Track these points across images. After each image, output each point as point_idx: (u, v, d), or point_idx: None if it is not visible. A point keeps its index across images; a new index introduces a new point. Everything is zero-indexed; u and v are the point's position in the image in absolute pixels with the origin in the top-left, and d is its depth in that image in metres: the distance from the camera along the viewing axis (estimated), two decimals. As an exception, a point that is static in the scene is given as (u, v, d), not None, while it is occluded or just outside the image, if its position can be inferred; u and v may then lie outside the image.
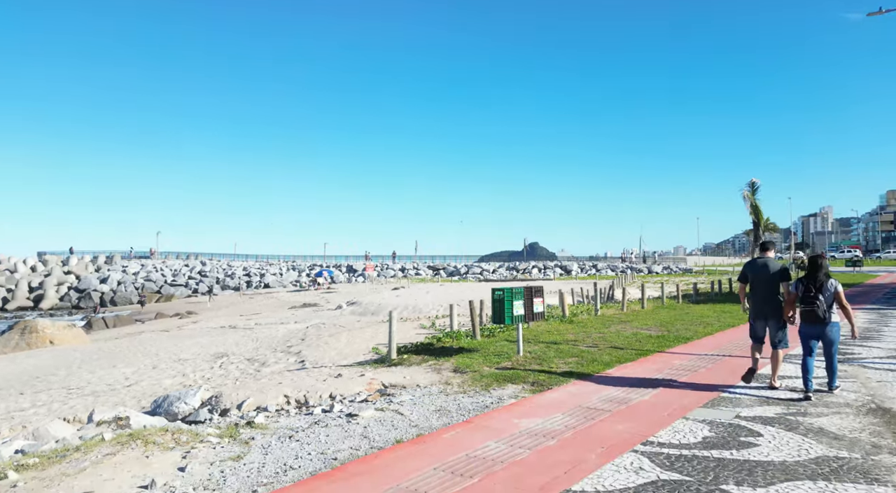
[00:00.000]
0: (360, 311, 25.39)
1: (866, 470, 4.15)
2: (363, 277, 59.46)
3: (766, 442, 4.80)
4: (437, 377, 7.93)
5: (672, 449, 4.66)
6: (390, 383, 7.77)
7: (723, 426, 5.28)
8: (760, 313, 6.73)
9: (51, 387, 11.47)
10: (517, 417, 5.73)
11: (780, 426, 5.28)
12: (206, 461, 4.89)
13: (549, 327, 12.55)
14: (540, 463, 4.39)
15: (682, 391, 6.72)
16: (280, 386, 7.84)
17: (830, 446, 4.70)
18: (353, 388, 7.59)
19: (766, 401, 6.22)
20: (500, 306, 8.78)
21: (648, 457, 4.48)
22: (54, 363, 14.73)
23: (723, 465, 4.28)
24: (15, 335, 19.63)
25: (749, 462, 4.33)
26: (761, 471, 4.15)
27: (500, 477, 4.12)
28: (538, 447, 4.78)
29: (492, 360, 8.82)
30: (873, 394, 6.48)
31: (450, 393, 7.00)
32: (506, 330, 11.82)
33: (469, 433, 5.24)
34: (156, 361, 14.04)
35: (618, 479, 4.03)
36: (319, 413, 6.53)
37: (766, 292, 6.65)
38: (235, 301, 43.26)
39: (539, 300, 9.18)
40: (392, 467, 4.40)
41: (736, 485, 3.89)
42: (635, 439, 4.93)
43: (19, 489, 4.35)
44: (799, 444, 4.75)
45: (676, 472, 4.15)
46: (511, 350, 9.46)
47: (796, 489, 3.80)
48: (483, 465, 4.36)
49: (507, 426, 5.41)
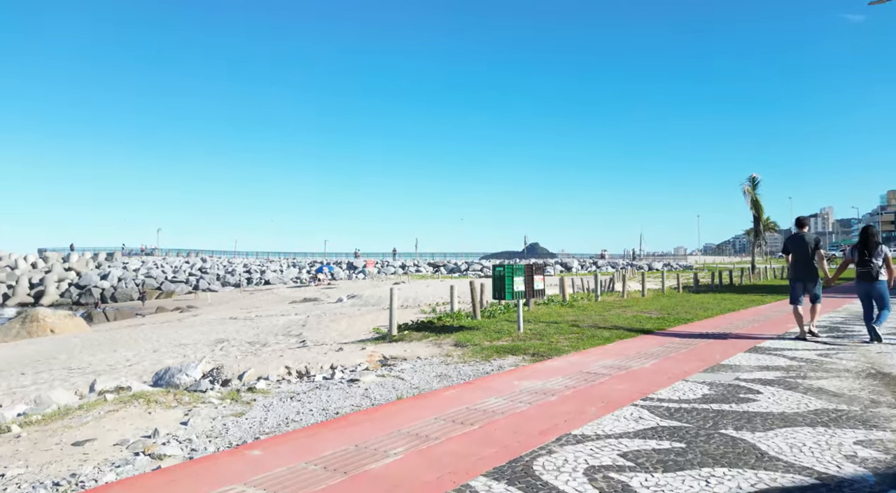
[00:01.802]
0: (360, 303, 25.41)
1: (865, 419, 4.17)
2: (363, 273, 59.46)
3: (766, 398, 4.82)
4: (437, 351, 7.95)
5: (672, 403, 4.68)
6: (391, 355, 7.79)
7: (722, 386, 5.30)
8: (799, 276, 8.22)
9: (52, 368, 11.49)
10: (517, 379, 5.75)
11: (779, 386, 5.29)
12: (207, 417, 4.92)
13: (549, 311, 12.56)
14: (540, 414, 4.41)
15: (683, 361, 6.74)
16: (281, 359, 7.86)
17: (829, 401, 4.72)
18: (355, 360, 7.61)
19: (765, 368, 6.24)
20: (500, 282, 8.79)
21: (648, 409, 4.50)
22: (55, 348, 14.76)
23: (722, 415, 4.30)
24: (16, 324, 19.64)
25: (748, 413, 4.35)
26: (760, 420, 4.16)
27: (500, 424, 4.14)
28: (538, 402, 4.80)
29: (492, 336, 8.84)
30: (873, 362, 6.50)
31: (450, 363, 7.02)
32: (506, 311, 11.83)
33: (469, 391, 5.26)
34: (156, 346, 14.06)
35: (617, 426, 4.05)
36: (321, 380, 6.55)
37: (804, 259, 8.14)
38: (236, 297, 43.25)
39: (539, 277, 9.19)
40: (393, 417, 4.42)
41: (735, 430, 3.91)
42: (635, 395, 4.95)
43: (22, 439, 4.38)
44: (798, 400, 4.77)
45: (676, 420, 4.17)
46: (511, 328, 9.48)
47: (796, 434, 3.82)
48: (483, 416, 4.38)
49: (507, 386, 5.43)
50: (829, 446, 3.56)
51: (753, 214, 34.52)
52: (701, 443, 3.63)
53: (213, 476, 3.20)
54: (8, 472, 3.54)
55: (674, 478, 3.05)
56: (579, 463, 3.28)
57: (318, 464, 3.36)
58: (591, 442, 3.67)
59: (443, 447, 3.65)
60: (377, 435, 3.91)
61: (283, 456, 3.51)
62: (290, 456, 3.50)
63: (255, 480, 3.12)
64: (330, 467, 3.31)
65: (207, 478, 3.17)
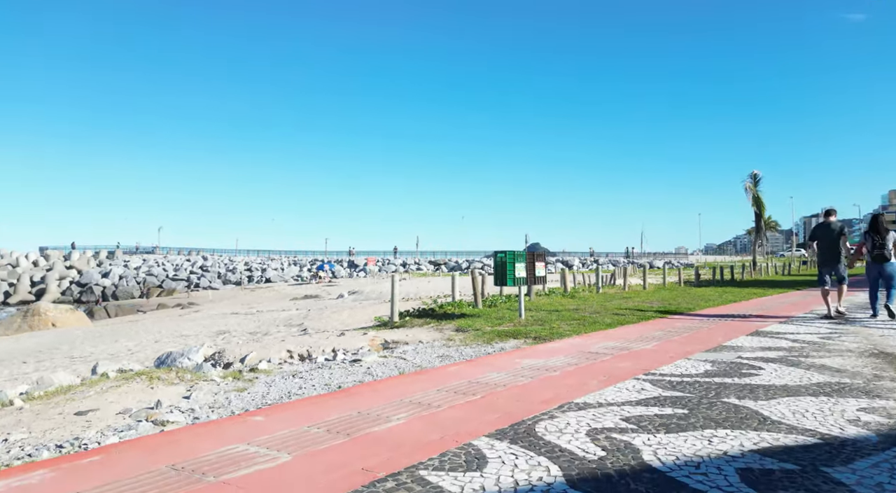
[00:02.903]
0: (361, 298, 25.43)
1: (868, 390, 4.16)
2: (365, 271, 59.50)
3: (768, 373, 4.82)
4: (439, 335, 7.95)
5: (674, 377, 4.67)
6: (393, 340, 7.79)
7: (724, 363, 5.30)
8: (826, 261, 9.14)
9: (54, 357, 11.51)
10: (519, 358, 5.75)
11: (782, 363, 5.29)
12: (210, 391, 4.92)
13: (550, 301, 12.56)
14: (541, 386, 4.41)
15: (685, 343, 6.74)
16: (283, 343, 7.87)
17: (832, 376, 4.72)
18: (357, 343, 7.61)
19: (767, 349, 6.23)
20: (502, 268, 8.79)
21: (650, 382, 4.50)
22: (57, 340, 14.78)
23: (724, 386, 4.30)
24: (17, 318, 19.66)
25: (751, 385, 4.34)
26: (763, 390, 4.16)
27: (501, 394, 4.14)
28: (540, 376, 4.80)
29: (494, 322, 8.84)
30: (875, 344, 6.50)
31: (452, 346, 7.02)
32: (508, 301, 11.83)
33: (471, 368, 5.27)
34: (158, 337, 14.08)
35: (620, 395, 4.05)
36: (322, 361, 6.56)
37: (831, 245, 9.05)
38: (237, 294, 43.28)
39: (541, 265, 9.19)
40: (395, 388, 4.42)
41: (737, 399, 3.90)
42: (637, 371, 4.95)
43: (25, 410, 4.39)
44: (801, 374, 4.77)
45: (678, 391, 4.17)
46: (513, 316, 9.48)
47: (798, 402, 3.82)
48: (485, 388, 4.38)
49: (509, 364, 5.43)
50: (832, 412, 3.56)
51: (755, 211, 34.49)
52: (703, 410, 3.63)
53: (216, 437, 3.20)
54: (11, 437, 3.55)
55: (676, 438, 3.05)
56: (581, 426, 3.29)
57: (321, 428, 3.36)
58: (594, 409, 3.67)
59: (445, 413, 3.65)
60: (380, 404, 3.92)
61: (286, 421, 3.51)
62: (293, 422, 3.50)
63: (258, 440, 3.12)
64: (333, 430, 3.31)
65: (210, 439, 3.17)
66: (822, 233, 9.15)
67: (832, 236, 9.02)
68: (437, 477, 2.53)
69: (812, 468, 2.61)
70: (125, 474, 2.65)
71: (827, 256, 9.11)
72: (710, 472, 2.56)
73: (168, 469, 2.70)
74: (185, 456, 2.88)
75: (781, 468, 2.60)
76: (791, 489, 2.36)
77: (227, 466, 2.72)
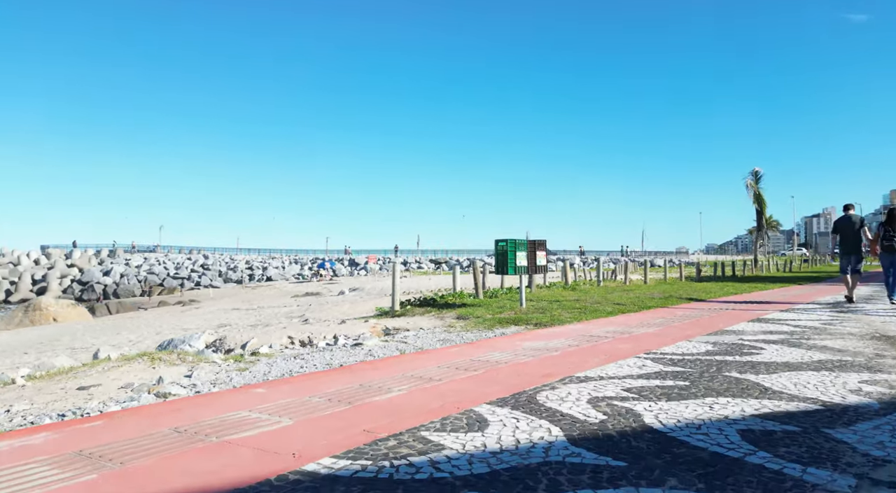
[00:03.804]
0: (363, 294, 25.43)
1: (870, 366, 4.16)
2: (365, 269, 59.50)
3: (770, 352, 4.81)
4: (440, 322, 7.95)
5: (675, 356, 4.67)
6: (394, 327, 7.79)
7: (726, 344, 5.30)
8: (848, 251, 9.89)
9: (56, 348, 11.51)
10: (520, 340, 5.75)
11: (783, 344, 5.28)
12: (211, 371, 4.93)
13: (551, 293, 12.56)
14: (542, 364, 4.41)
15: (686, 328, 6.73)
16: (284, 330, 7.88)
17: (834, 354, 4.71)
18: (358, 330, 7.62)
19: (769, 332, 6.23)
20: (503, 257, 8.79)
21: (652, 360, 4.50)
22: (58, 333, 14.80)
23: (726, 363, 4.30)
24: (19, 313, 19.67)
25: (752, 362, 4.34)
26: (764, 366, 4.16)
27: (502, 370, 4.14)
28: (541, 355, 4.80)
29: (495, 310, 8.84)
30: (877, 328, 6.50)
31: (453, 331, 7.02)
32: (509, 292, 11.83)
33: (472, 348, 5.27)
34: (159, 329, 14.08)
35: (621, 370, 4.05)
36: (324, 345, 6.56)
37: (851, 237, 9.84)
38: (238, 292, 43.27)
39: (542, 254, 9.18)
40: (397, 365, 4.43)
41: (739, 373, 3.90)
42: (639, 351, 4.95)
43: (27, 387, 4.40)
44: (802, 353, 4.76)
45: (679, 367, 4.17)
46: (514, 305, 9.48)
47: (800, 376, 3.82)
48: (486, 365, 4.38)
49: (510, 345, 5.44)
50: (834, 384, 3.55)
51: (756, 208, 34.44)
52: (705, 382, 3.63)
53: (217, 406, 3.20)
54: (13, 408, 3.55)
55: (677, 404, 3.06)
56: (582, 395, 3.29)
57: (322, 397, 3.36)
58: (595, 381, 3.67)
59: (446, 385, 3.65)
60: (381, 377, 3.92)
61: (288, 393, 3.51)
62: (295, 393, 3.51)
63: (260, 408, 3.12)
64: (334, 399, 3.32)
65: (212, 407, 3.18)
66: (844, 225, 9.95)
67: (853, 229, 9.83)
68: (439, 437, 2.53)
69: (813, 429, 2.61)
70: (128, 435, 2.65)
71: (849, 246, 9.89)
72: (710, 432, 2.56)
73: (171, 432, 2.70)
74: (188, 421, 2.88)
75: (783, 430, 2.60)
76: (793, 447, 2.36)
77: (228, 429, 2.73)
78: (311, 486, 1.98)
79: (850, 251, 9.89)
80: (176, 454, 2.38)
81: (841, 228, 10.06)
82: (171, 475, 2.12)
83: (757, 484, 1.98)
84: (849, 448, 2.34)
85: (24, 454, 2.40)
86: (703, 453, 2.29)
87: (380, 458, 2.27)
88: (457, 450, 2.35)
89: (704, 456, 2.26)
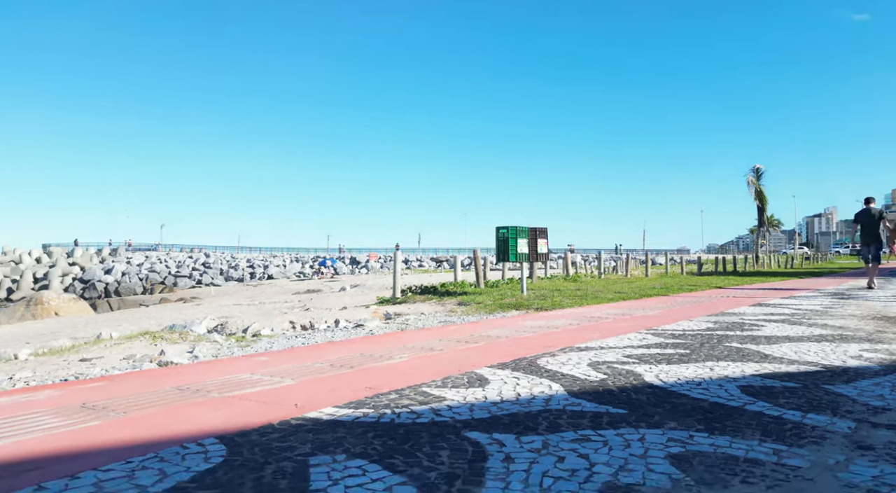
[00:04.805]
0: (364, 289, 25.46)
1: (870, 339, 4.16)
2: (366, 268, 59.53)
3: (770, 329, 4.82)
4: (441, 308, 7.96)
5: (676, 331, 4.68)
6: (395, 312, 7.80)
7: (727, 323, 5.30)
8: (867, 241, 10.56)
9: (58, 339, 11.53)
10: (521, 321, 5.76)
11: (785, 323, 5.29)
12: (213, 348, 4.94)
13: (552, 284, 12.57)
14: (543, 338, 4.42)
15: (687, 311, 6.74)
16: (285, 316, 7.90)
17: (835, 331, 4.71)
18: (359, 315, 7.63)
19: (770, 314, 6.23)
20: (504, 244, 8.79)
21: (653, 335, 4.50)
22: (60, 325, 14.83)
23: (727, 336, 4.31)
24: (20, 307, 19.70)
25: (752, 336, 4.35)
26: (765, 339, 4.17)
27: (503, 343, 4.15)
28: (542, 332, 4.81)
29: (496, 298, 8.85)
30: (877, 311, 6.50)
31: (454, 315, 7.03)
32: (510, 283, 11.85)
33: (473, 326, 5.28)
34: (160, 322, 14.10)
35: (622, 342, 4.06)
36: (325, 328, 6.57)
37: (871, 228, 10.51)
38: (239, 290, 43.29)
39: (543, 242, 9.19)
40: (398, 339, 4.44)
41: (739, 344, 3.91)
42: (640, 328, 4.96)
43: (30, 361, 4.41)
44: (803, 330, 4.77)
45: (680, 340, 4.17)
46: (515, 293, 9.49)
47: (801, 345, 3.82)
48: (487, 339, 4.39)
49: (511, 324, 5.45)
50: (835, 352, 3.56)
51: (757, 205, 34.41)
52: (706, 350, 3.64)
53: (220, 370, 3.22)
54: (16, 376, 3.57)
55: (678, 367, 3.07)
56: (583, 360, 3.30)
57: (325, 363, 3.38)
58: (595, 350, 3.68)
59: (447, 354, 3.66)
60: (383, 348, 3.93)
61: (290, 360, 3.53)
62: (297, 360, 3.52)
63: (262, 371, 3.14)
64: (336, 364, 3.33)
65: (215, 371, 3.19)
66: (864, 217, 10.69)
67: (873, 220, 10.59)
68: (440, 391, 2.54)
69: (814, 385, 2.62)
70: (131, 392, 2.67)
71: (868, 237, 10.65)
72: (710, 388, 2.57)
73: (173, 390, 2.71)
74: (190, 381, 2.90)
75: (783, 386, 2.61)
76: (792, 399, 2.37)
77: (230, 387, 2.74)
78: (314, 429, 2.00)
79: (869, 241, 10.54)
80: (179, 406, 2.39)
81: (862, 219, 10.72)
82: (175, 422, 2.14)
83: (756, 426, 1.99)
84: (849, 400, 2.35)
85: (29, 407, 2.42)
86: (702, 403, 2.30)
87: (382, 407, 2.28)
88: (458, 401, 2.36)
89: (704, 405, 2.27)
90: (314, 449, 1.78)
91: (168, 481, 1.54)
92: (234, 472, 1.59)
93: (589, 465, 1.63)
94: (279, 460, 1.69)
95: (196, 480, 1.54)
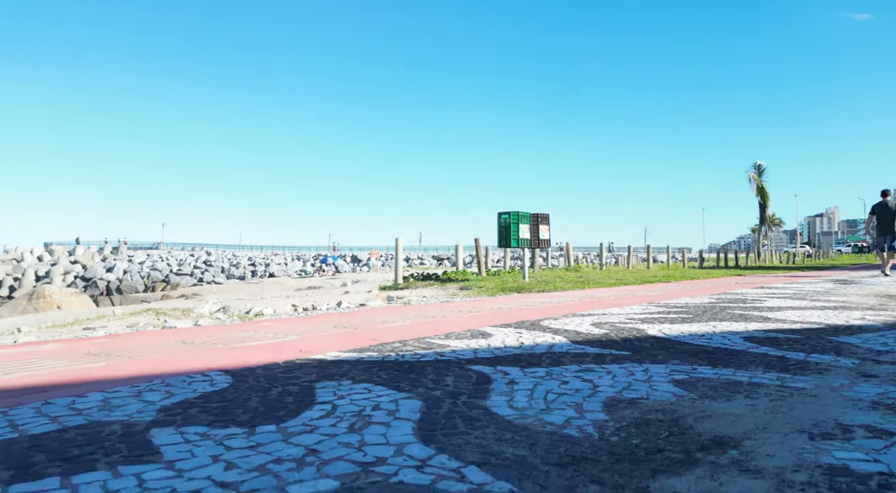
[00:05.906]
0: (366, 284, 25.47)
1: (873, 308, 4.16)
2: (367, 266, 59.56)
3: (773, 302, 4.82)
4: (443, 292, 7.96)
5: (679, 305, 4.68)
6: (397, 296, 7.80)
7: (729, 298, 5.30)
8: (884, 232, 10.86)
9: (60, 328, 11.55)
10: (524, 299, 5.76)
11: (788, 299, 5.29)
12: (216, 323, 4.95)
13: (553, 273, 12.57)
14: (546, 309, 4.42)
15: (689, 292, 6.73)
16: (288, 300, 7.90)
17: (838, 304, 4.72)
18: (361, 298, 7.64)
19: (772, 294, 6.23)
20: (506, 230, 8.79)
21: (656, 307, 4.50)
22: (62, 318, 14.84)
23: (729, 307, 4.31)
24: (23, 301, 19.71)
25: (755, 307, 4.35)
26: (768, 309, 4.17)
27: (505, 313, 4.15)
28: (544, 305, 4.82)
29: (497, 283, 8.84)
30: (880, 291, 6.49)
31: (456, 298, 7.03)
32: (511, 271, 11.84)
33: (474, 303, 5.29)
34: (163, 313, 14.12)
35: (624, 310, 4.06)
36: (326, 309, 6.58)
37: (888, 219, 10.81)
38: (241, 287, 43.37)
39: (545, 228, 9.19)
40: (400, 311, 4.45)
41: (742, 311, 3.91)
42: (643, 301, 4.96)
43: (33, 331, 4.42)
44: (807, 303, 4.76)
45: (683, 312, 4.18)
46: (517, 279, 9.48)
47: (804, 313, 3.82)
48: (489, 310, 4.40)
49: (513, 301, 5.45)
50: (838, 317, 3.56)
51: (759, 202, 34.34)
52: (708, 315, 3.64)
53: (226, 330, 3.23)
54: (19, 339, 3.58)
55: (681, 325, 3.07)
56: (585, 321, 3.30)
57: (328, 325, 3.39)
58: (598, 315, 3.69)
59: (448, 321, 3.67)
60: (384, 316, 3.94)
61: (292, 324, 3.54)
62: (299, 324, 3.53)
63: (266, 330, 3.15)
64: (339, 326, 3.34)
65: (220, 331, 3.20)
66: (881, 209, 11.11)
67: (889, 212, 10.97)
68: (444, 341, 2.55)
69: (817, 336, 2.62)
70: (135, 343, 2.68)
71: (885, 228, 11.03)
72: (714, 338, 2.58)
73: (178, 343, 2.72)
74: (195, 337, 2.91)
75: (786, 337, 2.61)
76: (796, 345, 2.37)
77: (235, 342, 2.75)
78: (318, 366, 2.00)
79: (885, 232, 11.00)
80: (184, 351, 2.40)
81: (878, 210, 11.17)
82: (181, 362, 2.15)
83: (760, 363, 1.99)
84: (852, 346, 2.35)
85: (33, 355, 2.43)
86: (706, 348, 2.31)
87: (386, 352, 2.29)
88: (462, 348, 2.37)
89: (707, 349, 2.27)
90: (319, 378, 1.79)
91: (175, 398, 1.54)
92: (241, 393, 1.60)
93: (593, 386, 1.63)
94: (285, 385, 1.70)
95: (203, 397, 1.55)
